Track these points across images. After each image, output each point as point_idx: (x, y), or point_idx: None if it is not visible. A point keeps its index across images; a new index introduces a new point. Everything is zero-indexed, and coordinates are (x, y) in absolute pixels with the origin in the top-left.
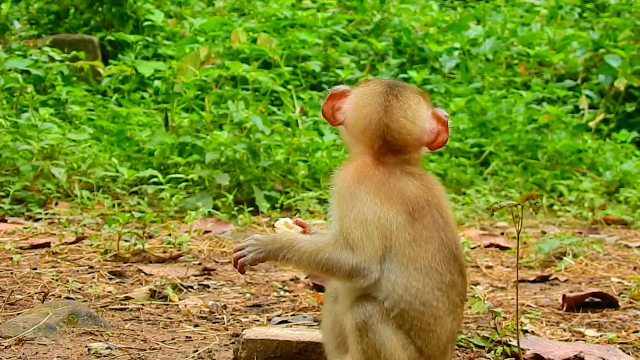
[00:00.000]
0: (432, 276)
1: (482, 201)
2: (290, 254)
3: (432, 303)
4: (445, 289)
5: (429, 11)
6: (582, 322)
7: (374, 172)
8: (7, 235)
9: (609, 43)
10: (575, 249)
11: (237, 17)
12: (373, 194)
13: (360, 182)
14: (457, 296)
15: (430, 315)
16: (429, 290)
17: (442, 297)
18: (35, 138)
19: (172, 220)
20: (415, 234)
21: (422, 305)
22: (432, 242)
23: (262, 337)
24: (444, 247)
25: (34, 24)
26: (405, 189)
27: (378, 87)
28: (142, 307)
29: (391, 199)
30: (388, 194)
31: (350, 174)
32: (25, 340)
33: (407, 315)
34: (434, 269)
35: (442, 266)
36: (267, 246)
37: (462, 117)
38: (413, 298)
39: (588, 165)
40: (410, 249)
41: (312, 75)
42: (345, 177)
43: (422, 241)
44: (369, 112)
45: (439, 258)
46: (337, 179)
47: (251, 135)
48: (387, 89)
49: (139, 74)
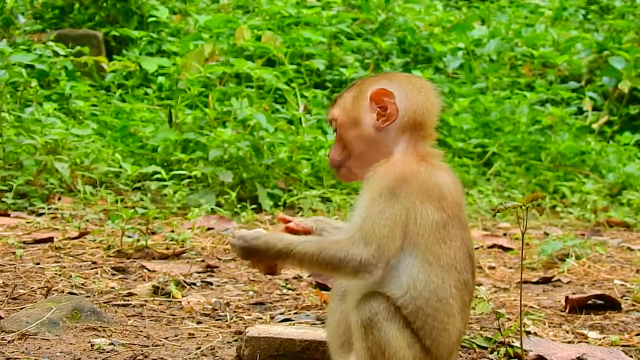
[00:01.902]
0: (452, 274)
1: (485, 202)
2: (290, 257)
3: (449, 301)
4: (460, 288)
5: (434, 11)
6: (585, 324)
7: (418, 170)
8: (10, 230)
9: (613, 45)
10: (578, 251)
11: (241, 14)
12: (415, 195)
13: (405, 182)
14: (467, 295)
15: (444, 313)
16: (447, 287)
17: (457, 296)
18: (39, 133)
19: (175, 216)
20: (445, 232)
21: (439, 302)
22: (456, 240)
23: (265, 335)
24: (464, 246)
25: (38, 18)
26: (444, 186)
27: (424, 82)
28: (145, 303)
29: (431, 197)
30: (429, 192)
31: (395, 172)
32: (28, 335)
33: (421, 313)
34: (453, 266)
35: (461, 264)
36: (266, 245)
37: (465, 117)
38: (431, 294)
39: (591, 167)
40: (438, 246)
41: (316, 74)
42: (389, 175)
43: (449, 239)
44: (428, 106)
45: (459, 256)
46: (379, 175)
47: (255, 133)
48: (431, 84)
49: (143, 69)
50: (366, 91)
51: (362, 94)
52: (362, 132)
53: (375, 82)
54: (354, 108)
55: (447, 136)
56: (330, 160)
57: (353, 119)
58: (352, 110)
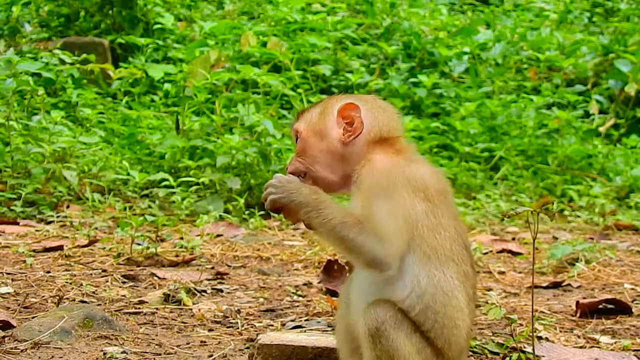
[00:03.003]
0: (450, 266)
1: (492, 206)
2: (314, 213)
3: (455, 293)
4: (462, 280)
5: (439, 15)
6: (596, 329)
7: (397, 162)
8: (20, 238)
9: (618, 48)
10: (587, 255)
11: (247, 21)
12: (403, 188)
13: (390, 175)
14: (470, 288)
15: (452, 307)
16: (449, 279)
17: (461, 288)
18: (47, 141)
19: (184, 223)
20: (436, 222)
21: (445, 295)
22: (449, 230)
23: (277, 342)
24: (458, 237)
25: (44, 26)
26: (425, 176)
27: (387, 104)
28: (156, 311)
29: (416, 187)
30: (412, 183)
31: (378, 168)
32: (41, 344)
33: (430, 311)
34: (450, 258)
35: (458, 256)
36: (292, 194)
37: (472, 121)
38: (436, 289)
39: (598, 170)
40: (433, 238)
41: (322, 79)
42: (374, 172)
43: (442, 229)
44: (392, 124)
45: (455, 248)
46: (364, 175)
47: (262, 139)
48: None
49: (149, 77)
50: (332, 106)
51: (329, 109)
52: (327, 145)
53: (342, 98)
54: (320, 122)
55: (453, 141)
56: (288, 171)
57: (319, 132)
58: (317, 124)
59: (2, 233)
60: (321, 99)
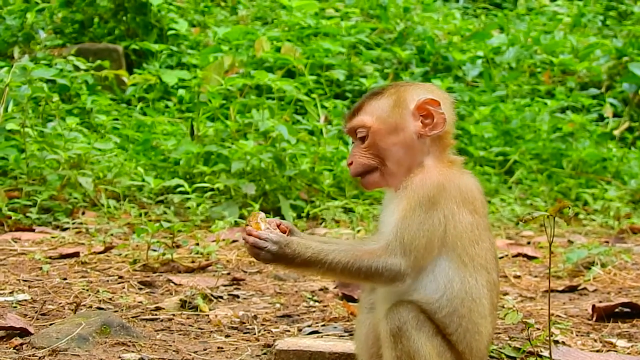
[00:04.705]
0: (483, 274)
1: (507, 210)
2: (318, 266)
3: (482, 300)
4: (490, 288)
5: (452, 19)
6: (613, 333)
7: (452, 176)
8: (36, 245)
9: (632, 51)
10: (603, 259)
11: (260, 26)
12: (453, 201)
13: (444, 189)
14: (495, 297)
15: (477, 314)
16: (480, 287)
17: (488, 296)
18: (62, 147)
19: (199, 229)
20: (478, 233)
21: (473, 301)
22: (485, 241)
23: (294, 348)
24: (492, 247)
25: (58, 33)
26: (474, 189)
27: (445, 92)
28: (173, 317)
29: (466, 200)
30: (464, 196)
31: (433, 181)
32: (59, 351)
33: (456, 315)
34: (484, 267)
35: (490, 265)
36: (295, 253)
37: (486, 125)
38: (466, 294)
39: (613, 173)
40: (472, 247)
41: (336, 84)
42: (427, 184)
43: (481, 240)
44: (453, 116)
45: (489, 257)
46: (417, 184)
47: (276, 145)
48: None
49: (163, 82)
50: (406, 99)
51: (403, 102)
52: (403, 139)
53: (413, 90)
54: (393, 115)
55: (468, 145)
56: (356, 167)
57: (392, 126)
58: (391, 118)
59: (18, 240)
60: (335, 103)
